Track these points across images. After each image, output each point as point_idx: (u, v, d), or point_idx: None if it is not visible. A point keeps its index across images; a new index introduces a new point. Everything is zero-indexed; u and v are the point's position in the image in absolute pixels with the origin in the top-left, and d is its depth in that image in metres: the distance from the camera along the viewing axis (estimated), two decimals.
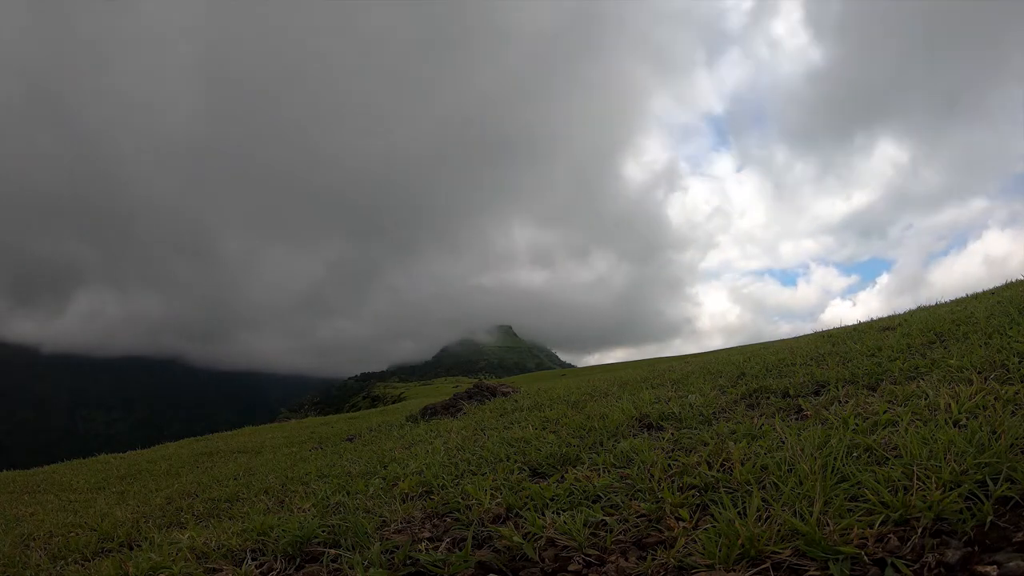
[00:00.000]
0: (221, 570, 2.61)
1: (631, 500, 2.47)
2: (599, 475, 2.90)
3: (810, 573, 1.69)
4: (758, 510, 2.04)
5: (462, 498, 2.96)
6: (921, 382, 3.47)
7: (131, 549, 3.64)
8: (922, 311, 7.75)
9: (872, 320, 8.47)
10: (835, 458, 2.30)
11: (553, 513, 2.48)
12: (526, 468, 3.43)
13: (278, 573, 2.48)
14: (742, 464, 2.54)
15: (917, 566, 1.61)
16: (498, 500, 2.80)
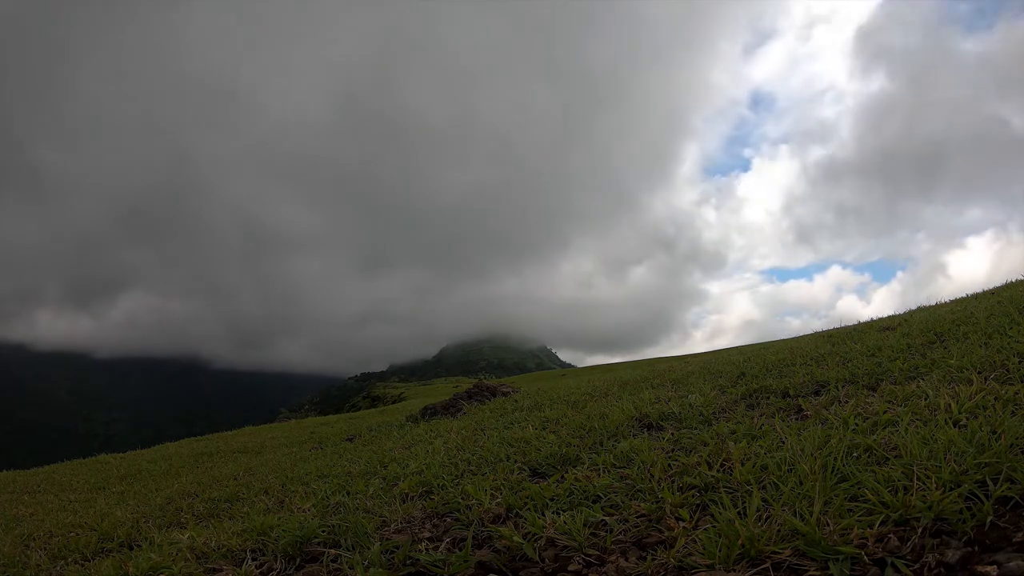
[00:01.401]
0: (221, 570, 2.61)
1: (631, 500, 2.46)
2: (599, 475, 2.90)
3: (810, 573, 1.69)
4: (758, 510, 2.04)
5: (462, 498, 2.96)
6: (921, 382, 3.47)
7: (131, 549, 3.64)
8: (922, 311, 7.75)
9: (872, 320, 8.47)
10: (835, 458, 2.30)
11: (553, 513, 2.48)
12: (526, 468, 3.43)
13: (278, 573, 2.48)
14: (742, 464, 2.54)
15: (917, 566, 1.61)
16: (498, 500, 2.80)
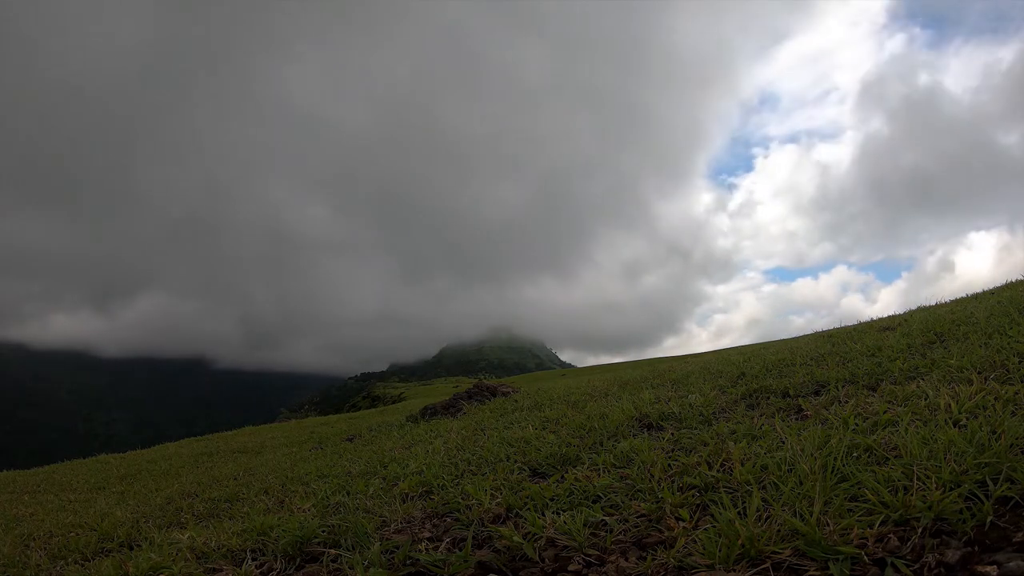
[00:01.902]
0: (221, 570, 2.61)
1: (631, 500, 2.46)
2: (599, 475, 2.90)
3: (810, 573, 1.69)
4: (758, 510, 2.04)
5: (462, 498, 2.96)
6: (921, 382, 3.47)
7: (131, 549, 3.64)
8: (922, 311, 7.75)
9: (872, 320, 8.47)
10: (835, 458, 2.30)
11: (553, 513, 2.48)
12: (526, 468, 3.43)
13: (278, 573, 2.48)
14: (742, 464, 2.54)
15: (917, 566, 1.61)
16: (498, 500, 2.80)
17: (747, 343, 29.61)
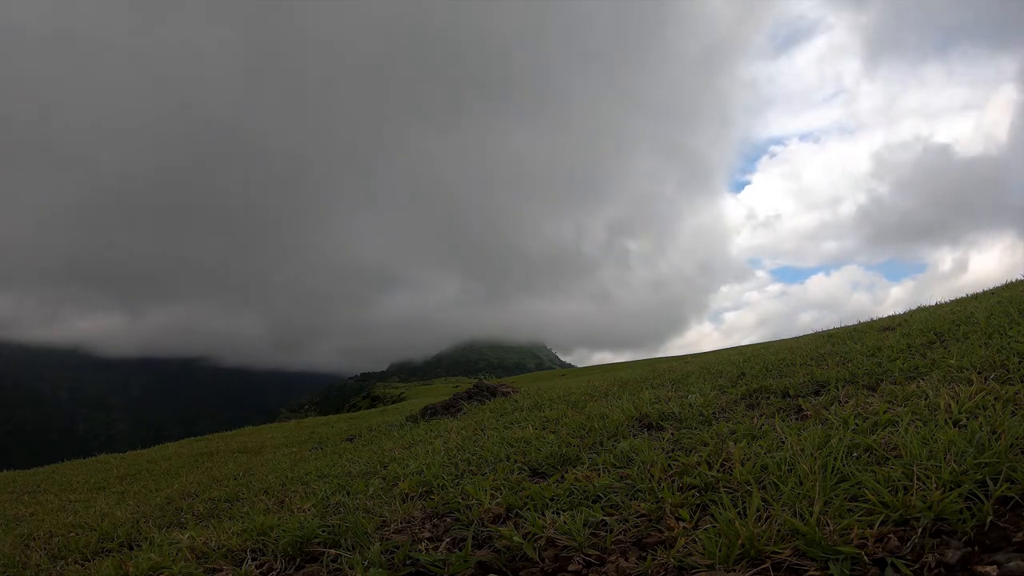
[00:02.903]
0: (221, 570, 2.61)
1: (631, 500, 2.47)
2: (599, 475, 2.90)
3: (810, 573, 1.69)
4: (758, 510, 2.04)
5: (462, 498, 2.96)
6: (921, 382, 3.47)
7: (131, 549, 3.64)
8: (922, 311, 7.75)
9: (872, 320, 8.47)
10: (835, 458, 2.30)
11: (553, 513, 2.48)
12: (526, 468, 3.43)
13: (278, 573, 2.48)
14: (742, 464, 2.54)
15: (917, 566, 1.61)
16: (498, 500, 2.80)
17: (757, 341, 29.71)
